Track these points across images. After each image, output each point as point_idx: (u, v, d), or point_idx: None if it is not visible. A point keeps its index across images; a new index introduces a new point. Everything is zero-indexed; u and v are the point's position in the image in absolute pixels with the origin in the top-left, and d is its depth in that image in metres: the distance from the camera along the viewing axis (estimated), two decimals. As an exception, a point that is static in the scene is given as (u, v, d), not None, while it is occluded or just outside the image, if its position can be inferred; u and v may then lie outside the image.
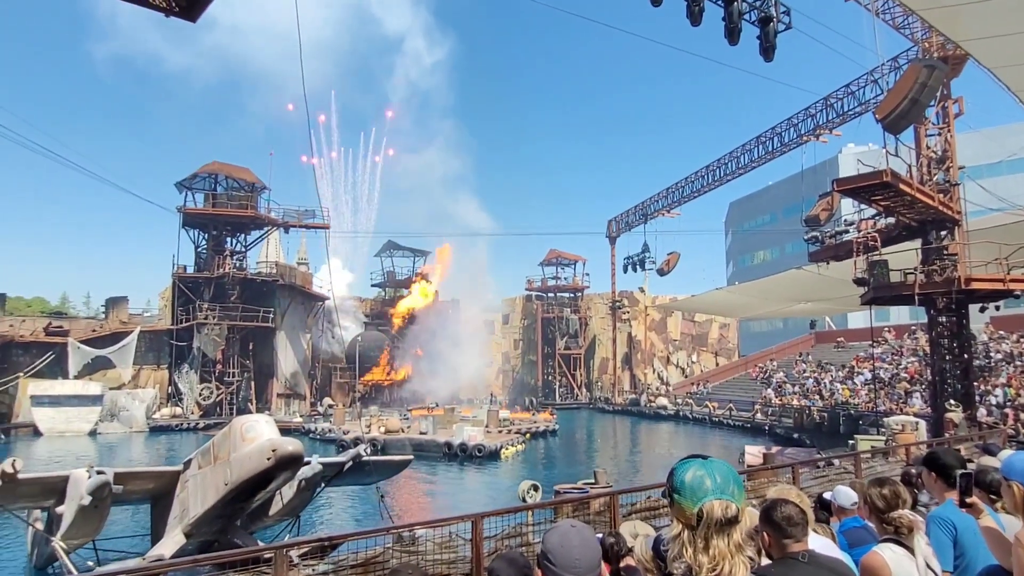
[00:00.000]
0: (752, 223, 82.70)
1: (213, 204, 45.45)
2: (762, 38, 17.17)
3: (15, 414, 38.72)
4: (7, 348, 39.47)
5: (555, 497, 13.23)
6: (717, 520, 1.78)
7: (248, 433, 10.09)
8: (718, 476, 1.84)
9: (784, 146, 38.95)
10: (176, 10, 7.61)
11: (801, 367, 44.77)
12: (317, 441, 34.14)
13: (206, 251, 46.01)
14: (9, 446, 32.95)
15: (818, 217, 27.89)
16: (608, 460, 29.83)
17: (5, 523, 15.36)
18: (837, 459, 13.05)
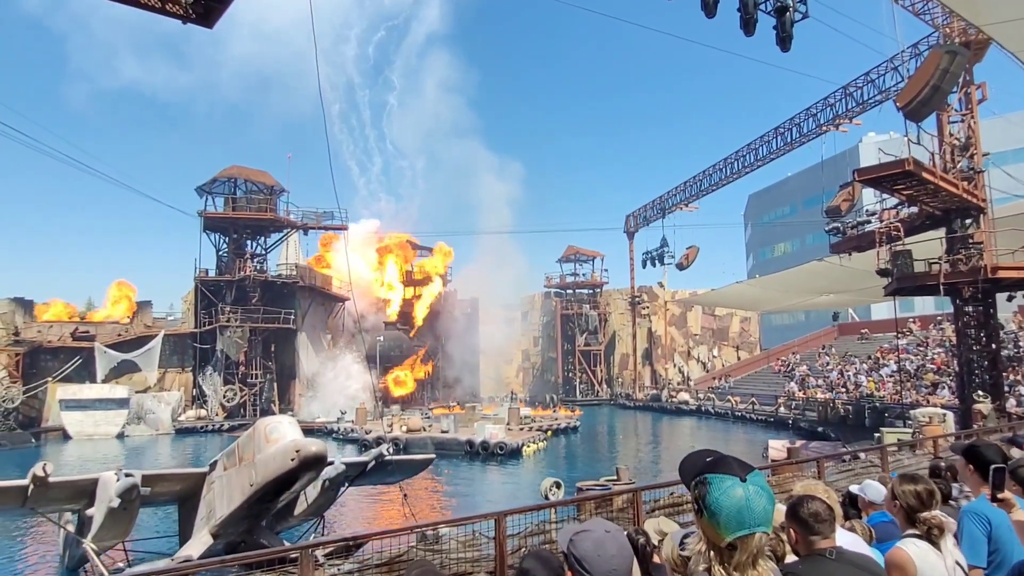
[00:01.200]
0: (771, 215, 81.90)
1: (233, 208, 45.95)
2: (778, 28, 16.94)
3: (45, 418, 39.48)
4: (36, 354, 40.24)
5: (578, 494, 13.22)
6: (750, 552, 1.69)
7: (272, 434, 10.18)
8: (758, 503, 1.69)
9: (803, 136, 38.50)
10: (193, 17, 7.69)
11: (824, 360, 44.29)
12: (340, 441, 34.40)
13: (227, 254, 46.54)
14: (39, 450, 33.58)
15: (839, 208, 27.55)
16: (630, 456, 29.74)
17: (38, 526, 15.70)
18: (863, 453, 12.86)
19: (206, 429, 40.46)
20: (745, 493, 1.70)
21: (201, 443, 36.44)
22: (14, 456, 31.00)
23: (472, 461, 28.18)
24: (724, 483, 1.72)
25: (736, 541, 1.68)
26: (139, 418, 40.44)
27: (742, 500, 1.69)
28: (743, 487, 1.71)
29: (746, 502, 1.68)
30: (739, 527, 1.67)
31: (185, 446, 35.88)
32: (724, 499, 1.69)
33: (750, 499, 1.69)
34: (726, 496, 1.70)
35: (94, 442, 36.67)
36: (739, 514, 1.68)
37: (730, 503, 1.69)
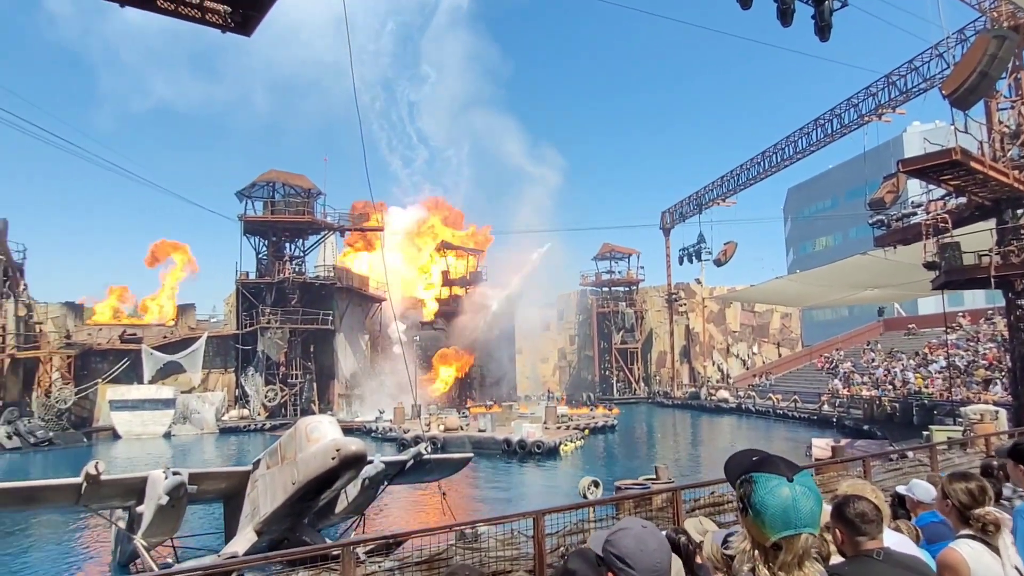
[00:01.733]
0: (812, 209, 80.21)
1: (272, 211, 46.89)
2: (817, 17, 16.55)
3: (95, 418, 40.77)
4: (87, 356, 41.59)
5: (616, 493, 13.16)
6: (796, 553, 1.66)
7: (313, 434, 10.35)
8: (805, 504, 1.66)
9: (844, 128, 37.62)
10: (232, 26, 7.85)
11: (870, 356, 43.21)
12: (378, 440, 34.79)
13: (266, 257, 47.51)
14: (91, 449, 34.67)
15: (883, 200, 26.86)
16: (669, 455, 29.45)
17: (91, 523, 16.23)
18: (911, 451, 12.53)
19: (248, 428, 41.33)
20: (792, 493, 1.66)
21: (244, 442, 37.23)
22: (68, 455, 32.11)
23: (509, 460, 28.23)
24: (770, 482, 1.69)
25: (781, 541, 1.65)
26: (184, 418, 41.48)
27: (788, 500, 1.65)
28: (790, 487, 1.67)
29: (792, 502, 1.65)
30: (785, 527, 1.64)
31: (229, 445, 36.68)
32: (770, 498, 1.67)
33: (797, 499, 1.66)
34: (772, 495, 1.67)
35: (142, 441, 37.75)
36: (785, 514, 1.65)
37: (776, 502, 1.66)
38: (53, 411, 38.33)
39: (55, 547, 16.09)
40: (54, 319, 42.18)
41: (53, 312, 42.44)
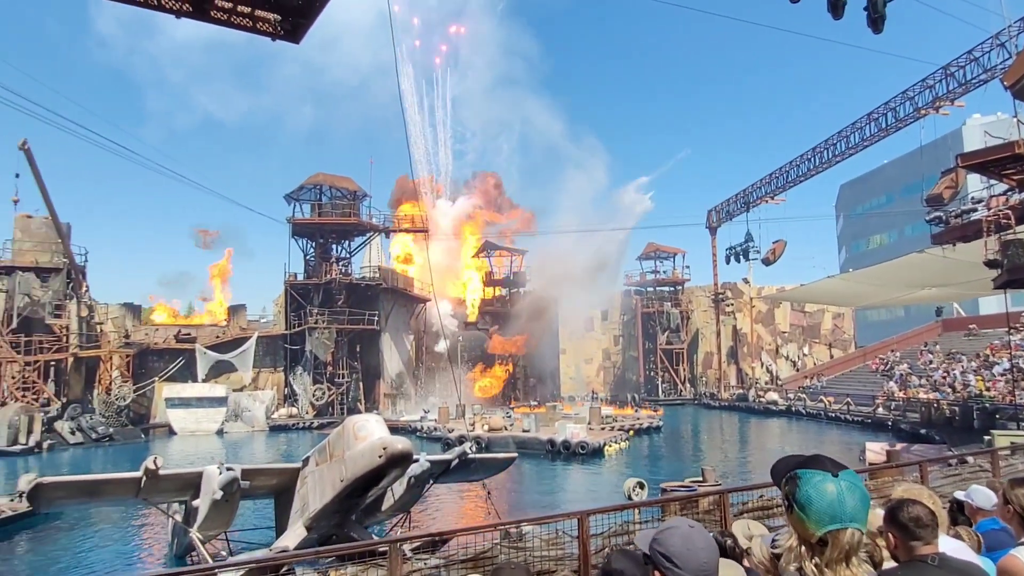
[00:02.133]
0: (866, 205, 77.99)
1: (319, 213, 47.84)
2: (870, 9, 16.04)
3: (152, 415, 42.13)
4: (144, 355, 43.06)
5: (662, 495, 13.03)
6: (843, 548, 1.67)
7: (360, 432, 10.51)
8: (851, 498, 1.68)
9: (899, 122, 36.44)
10: (281, 33, 8.07)
11: (927, 358, 41.75)
12: (423, 439, 35.14)
13: (314, 258, 48.50)
14: (148, 445, 35.87)
15: (941, 196, 25.94)
16: (716, 458, 29.01)
17: (150, 516, 16.84)
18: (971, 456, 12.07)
19: (297, 426, 42.19)
20: (837, 488, 1.68)
21: (293, 439, 38.03)
22: (126, 450, 33.28)
23: (554, 460, 28.21)
24: (815, 477, 1.72)
25: (827, 536, 1.67)
26: (236, 415, 42.60)
27: (833, 494, 1.67)
28: (835, 482, 1.70)
29: (837, 496, 1.67)
30: (831, 521, 1.66)
31: (278, 442, 37.51)
32: (815, 492, 1.69)
33: (842, 493, 1.68)
34: (816, 490, 1.69)
35: (196, 438, 38.91)
36: (830, 507, 1.66)
37: (821, 496, 1.68)
38: (113, 408, 39.68)
39: (116, 539, 16.72)
40: (114, 319, 43.82)
41: (113, 313, 44.10)
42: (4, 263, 39.16)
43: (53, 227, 39.04)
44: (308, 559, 8.05)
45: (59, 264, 39.96)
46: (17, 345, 37.34)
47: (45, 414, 35.57)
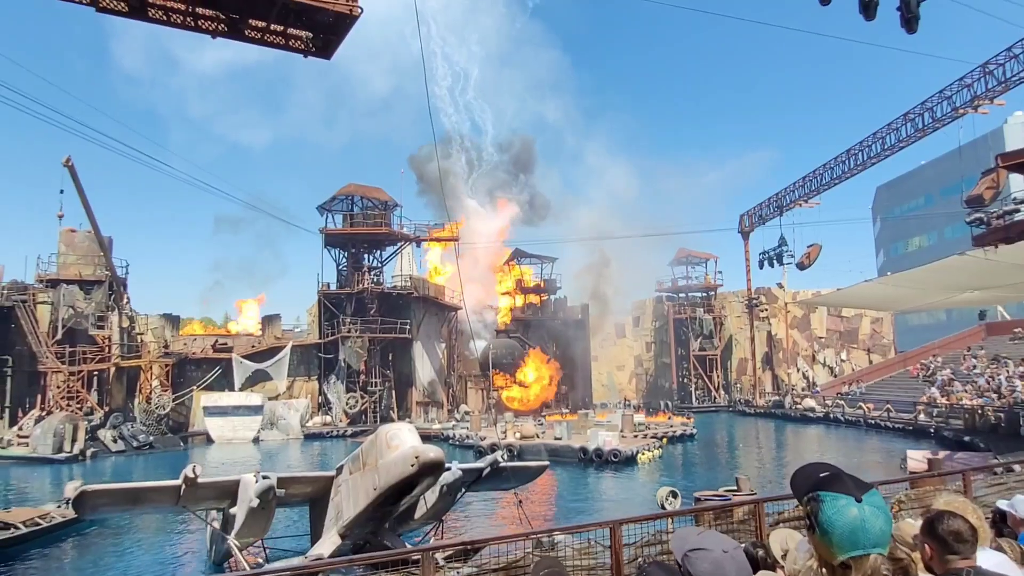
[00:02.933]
0: (903, 207, 76.33)
1: (351, 224, 48.49)
2: (903, 8, 15.74)
3: (191, 423, 42.86)
4: (183, 364, 43.92)
5: (696, 504, 12.89)
6: (865, 574, 1.63)
7: (393, 441, 10.61)
8: (875, 525, 1.64)
9: (937, 122, 35.62)
10: (313, 50, 8.26)
11: (971, 363, 40.57)
12: (456, 447, 35.22)
13: (346, 268, 49.12)
14: (187, 453, 36.43)
15: (982, 196, 25.24)
16: (751, 466, 28.55)
17: (189, 523, 17.16)
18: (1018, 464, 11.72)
19: (331, 434, 42.55)
20: (860, 513, 1.65)
21: (327, 447, 38.39)
22: (166, 458, 33.93)
23: (586, 468, 28.04)
24: (838, 502, 1.68)
25: (850, 561, 1.64)
26: (272, 424, 43.16)
27: (857, 520, 1.64)
28: (858, 507, 1.66)
29: (861, 523, 1.64)
30: (853, 547, 1.63)
31: (313, 450, 37.87)
32: (838, 518, 1.65)
33: (866, 519, 1.64)
34: (840, 515, 1.65)
35: (233, 446, 39.53)
36: (853, 534, 1.63)
37: (844, 522, 1.64)
38: (153, 416, 40.49)
39: (157, 546, 17.09)
40: (154, 330, 44.82)
41: (153, 324, 45.11)
42: (49, 276, 40.40)
43: (96, 241, 40.12)
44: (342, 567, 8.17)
45: (101, 276, 41.05)
46: (62, 356, 38.41)
47: (88, 423, 36.41)
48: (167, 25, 8.06)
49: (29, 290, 39.33)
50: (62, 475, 28.11)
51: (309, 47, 8.12)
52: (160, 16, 7.65)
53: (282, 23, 7.84)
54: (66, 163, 35.14)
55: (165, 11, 7.68)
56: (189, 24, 7.88)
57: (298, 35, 8.08)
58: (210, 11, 7.72)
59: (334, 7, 7.44)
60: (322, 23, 7.87)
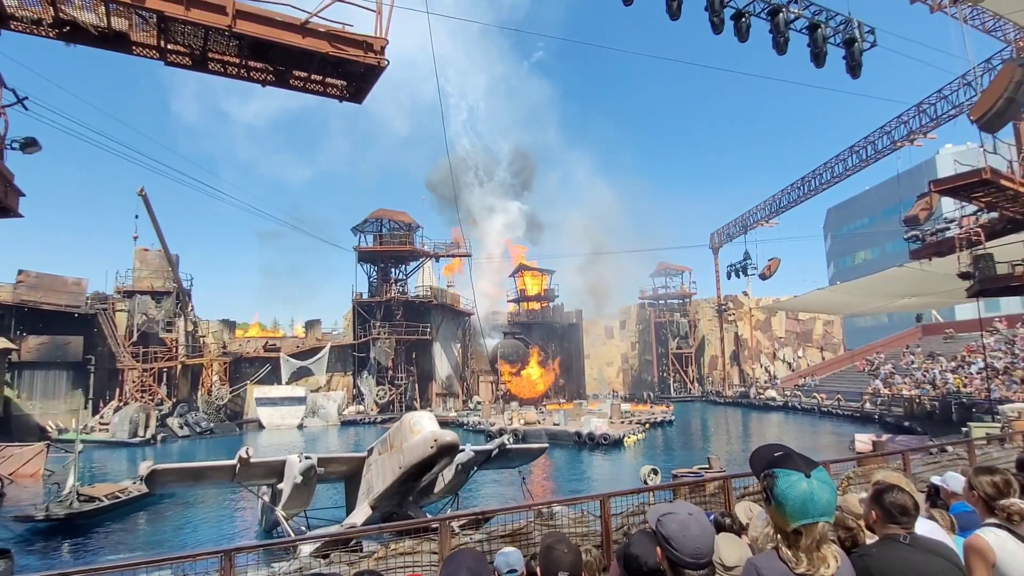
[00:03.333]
0: (851, 226, 76.03)
1: (380, 243, 48.72)
2: (848, 58, 15.82)
3: (245, 412, 42.96)
4: (238, 363, 44.05)
5: (673, 480, 12.80)
6: (814, 539, 1.66)
7: (415, 426, 10.60)
8: (821, 496, 1.66)
9: (878, 153, 35.50)
10: (347, 96, 8.29)
11: (909, 359, 40.27)
12: (469, 432, 35.12)
13: (376, 280, 49.27)
14: (241, 437, 36.52)
15: (918, 217, 25.11)
16: (721, 447, 28.35)
17: (243, 497, 17.15)
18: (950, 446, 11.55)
19: (363, 422, 42.53)
20: (809, 487, 1.66)
21: (360, 432, 38.33)
22: (224, 442, 33.97)
23: (580, 450, 27.91)
24: (790, 477, 1.69)
25: (801, 528, 1.65)
26: (313, 412, 43.19)
27: (806, 493, 1.65)
28: (807, 482, 1.67)
29: (810, 495, 1.65)
30: (803, 516, 1.64)
31: (348, 435, 37.83)
32: (790, 491, 1.66)
33: (814, 492, 1.66)
34: (792, 488, 1.67)
35: (280, 431, 39.54)
36: (803, 505, 1.65)
37: (795, 495, 1.66)
38: (213, 406, 40.64)
39: (216, 516, 17.09)
40: (213, 333, 44.95)
41: (213, 328, 45.24)
42: (126, 288, 40.60)
43: (165, 258, 40.37)
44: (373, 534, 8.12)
45: (170, 288, 41.25)
46: (136, 355, 38.56)
47: (159, 412, 36.55)
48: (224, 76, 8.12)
49: (109, 300, 39.52)
50: (136, 456, 28.15)
51: (343, 94, 8.16)
52: (218, 68, 7.71)
53: (320, 73, 7.89)
54: (140, 193, 35.44)
55: (223, 64, 7.75)
56: (242, 75, 7.95)
57: (334, 83, 8.13)
58: (260, 64, 7.78)
59: (364, 60, 7.49)
60: (355, 73, 7.92)
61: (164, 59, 7.39)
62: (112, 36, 7.15)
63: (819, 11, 15.83)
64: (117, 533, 15.15)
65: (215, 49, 7.48)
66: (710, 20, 14.85)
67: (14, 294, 34.68)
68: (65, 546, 13.98)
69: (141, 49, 7.40)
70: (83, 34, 7.09)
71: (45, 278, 36.35)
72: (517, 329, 57.05)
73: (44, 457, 22.41)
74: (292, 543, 7.52)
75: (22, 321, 34.56)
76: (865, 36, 15.97)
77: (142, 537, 15.21)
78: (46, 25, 6.95)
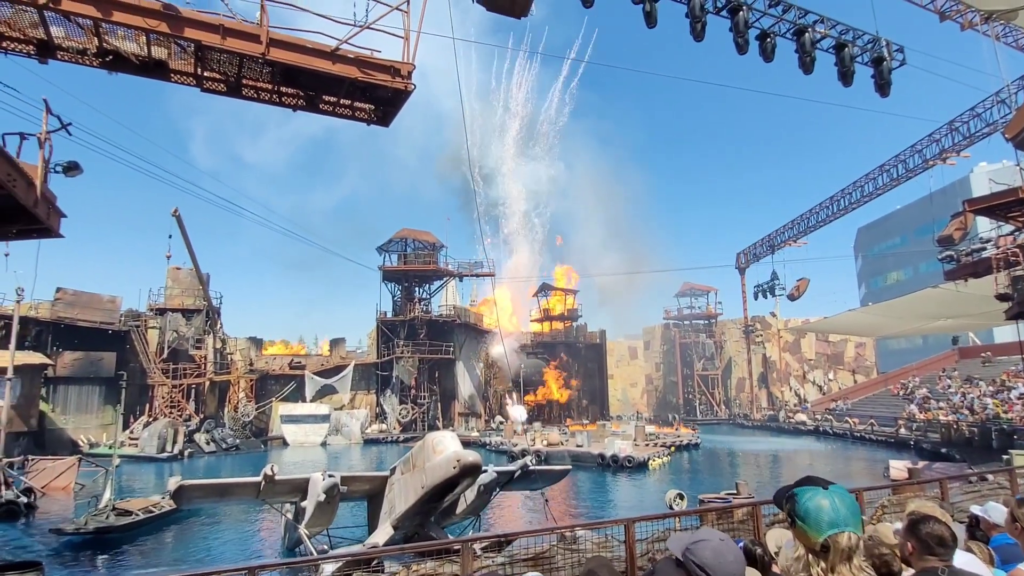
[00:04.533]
0: (882, 246, 74.57)
1: (404, 262, 49.26)
2: (876, 76, 15.69)
3: (270, 429, 43.35)
4: (264, 380, 44.63)
5: (700, 506, 12.52)
6: (843, 551, 1.66)
7: (438, 446, 10.58)
8: (842, 507, 1.69)
9: (909, 172, 34.90)
10: (375, 120, 8.48)
11: (946, 383, 39.00)
12: (491, 452, 34.90)
13: (400, 299, 49.71)
14: (266, 454, 36.81)
15: (952, 237, 24.58)
16: (750, 473, 27.68)
17: (266, 515, 17.27)
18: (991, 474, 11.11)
19: (386, 440, 42.58)
20: (828, 498, 1.71)
21: (383, 451, 38.40)
22: (249, 458, 34.28)
23: (603, 472, 27.50)
24: (808, 492, 1.75)
25: (828, 541, 1.66)
26: (337, 430, 43.38)
27: (826, 503, 1.70)
28: (825, 493, 1.72)
29: (831, 504, 1.70)
30: (829, 526, 1.67)
31: (371, 453, 37.90)
32: (810, 504, 1.71)
33: (834, 502, 1.70)
34: (812, 501, 1.72)
35: (304, 448, 39.77)
36: (826, 514, 1.68)
37: (815, 506, 1.70)
38: (239, 423, 41.04)
39: (240, 533, 17.20)
40: (241, 350, 45.70)
41: (240, 345, 46.02)
42: (158, 306, 41.63)
43: (196, 277, 41.32)
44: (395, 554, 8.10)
45: (200, 306, 42.14)
46: (167, 371, 39.35)
47: (187, 427, 37.08)
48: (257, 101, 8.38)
49: (142, 317, 40.51)
50: (164, 471, 28.55)
51: (371, 117, 8.34)
52: (252, 95, 7.96)
53: (349, 98, 8.10)
54: (174, 213, 36.41)
55: (256, 90, 8.01)
56: (274, 100, 8.19)
57: (362, 107, 8.33)
58: (291, 89, 8.02)
59: (391, 84, 7.67)
60: (382, 97, 8.11)
61: (200, 86, 7.67)
62: (152, 65, 7.46)
63: (846, 31, 15.76)
64: (146, 547, 15.35)
65: (249, 76, 7.74)
66: (735, 41, 14.88)
67: (52, 311, 35.79)
68: (96, 559, 14.20)
69: (179, 77, 7.69)
70: (125, 63, 7.40)
71: (82, 295, 37.47)
72: (540, 349, 56.85)
73: (76, 471, 22.90)
74: (315, 561, 7.54)
75: (58, 337, 35.61)
76: (894, 55, 15.81)
77: (170, 551, 15.38)
78: (90, 55, 7.28)
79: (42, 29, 7.02)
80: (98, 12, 6.72)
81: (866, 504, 7.68)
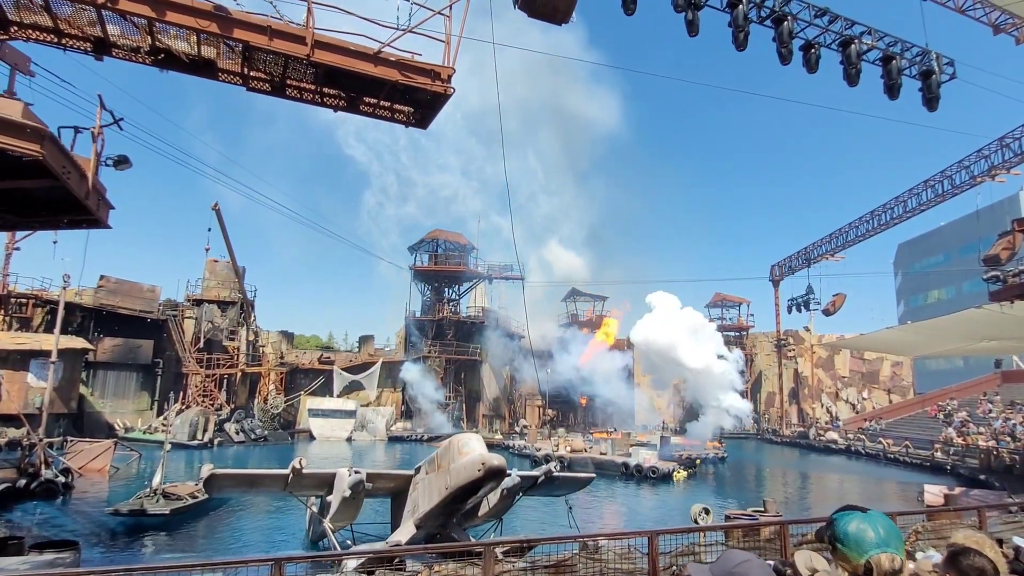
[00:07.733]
0: (923, 263, 72.28)
1: (435, 263, 49.71)
2: (924, 90, 15.22)
3: (298, 422, 44.09)
4: (294, 374, 45.45)
5: (726, 522, 12.30)
6: (886, 573, 1.66)
7: (464, 448, 10.62)
8: (881, 529, 1.71)
9: (956, 188, 33.73)
10: (414, 122, 8.58)
11: (986, 407, 37.56)
12: (514, 456, 34.86)
13: (429, 299, 50.13)
14: (293, 447, 37.48)
15: (998, 256, 23.63)
16: (778, 490, 27.08)
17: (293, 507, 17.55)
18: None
19: (411, 438, 42.95)
20: (867, 519, 1.75)
21: (407, 449, 38.68)
22: (276, 450, 34.95)
23: (627, 482, 27.23)
24: (847, 516, 1.79)
25: (870, 563, 1.67)
26: (362, 426, 43.88)
27: (864, 524, 1.74)
28: (863, 516, 1.76)
29: (870, 524, 1.73)
30: (869, 547, 1.69)
31: (396, 451, 38.22)
32: (849, 526, 1.74)
33: (872, 522, 1.74)
34: (850, 523, 1.75)
35: (330, 443, 40.31)
36: (864, 535, 1.71)
37: (855, 528, 1.73)
38: (268, 415, 41.88)
39: (266, 523, 17.53)
40: (272, 343, 46.62)
41: (272, 338, 46.94)
42: (195, 297, 42.77)
43: (233, 270, 42.34)
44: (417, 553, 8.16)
45: (235, 298, 43.15)
46: (201, 361, 40.40)
47: (218, 417, 37.99)
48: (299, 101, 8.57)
49: (179, 307, 41.67)
50: (194, 458, 29.30)
51: (410, 119, 8.44)
52: (295, 95, 8.13)
53: (389, 100, 8.22)
54: (214, 207, 37.36)
55: (299, 90, 8.19)
56: (316, 100, 8.36)
57: (402, 109, 8.45)
58: (333, 90, 8.18)
59: (431, 87, 7.76)
60: (422, 100, 8.20)
61: (246, 85, 7.87)
62: (201, 63, 7.69)
63: (894, 42, 15.36)
64: (178, 533, 15.75)
65: (293, 76, 7.92)
66: (778, 52, 14.63)
67: (95, 298, 37.09)
68: (131, 542, 14.62)
69: (226, 75, 7.91)
70: (176, 61, 7.65)
71: (123, 284, 38.75)
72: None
73: (111, 453, 23.66)
74: (339, 556, 7.63)
75: (100, 323, 36.88)
76: (944, 68, 15.34)
77: (201, 537, 15.75)
78: (143, 52, 7.54)
79: (99, 27, 7.30)
80: (153, 12, 6.96)
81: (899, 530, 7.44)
